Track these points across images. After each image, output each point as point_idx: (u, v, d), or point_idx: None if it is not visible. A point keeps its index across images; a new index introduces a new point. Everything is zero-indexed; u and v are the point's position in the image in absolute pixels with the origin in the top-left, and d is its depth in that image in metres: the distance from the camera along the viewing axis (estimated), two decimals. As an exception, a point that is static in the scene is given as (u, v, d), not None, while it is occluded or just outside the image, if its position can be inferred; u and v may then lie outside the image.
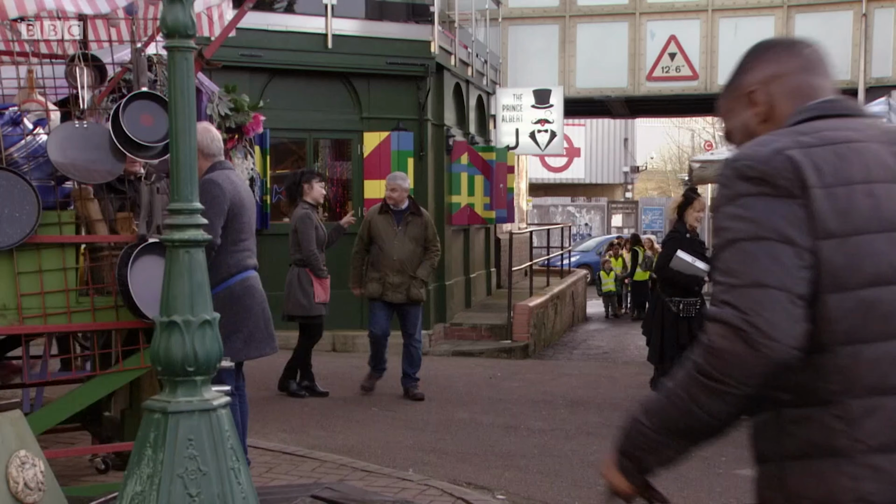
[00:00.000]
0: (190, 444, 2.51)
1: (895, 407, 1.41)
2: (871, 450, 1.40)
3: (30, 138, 3.85)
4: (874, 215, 1.44)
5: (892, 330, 1.42)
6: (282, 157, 11.04)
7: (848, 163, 1.46)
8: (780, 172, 1.43)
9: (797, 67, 1.60)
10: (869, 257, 1.42)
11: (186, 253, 2.64)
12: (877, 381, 1.41)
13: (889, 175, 1.48)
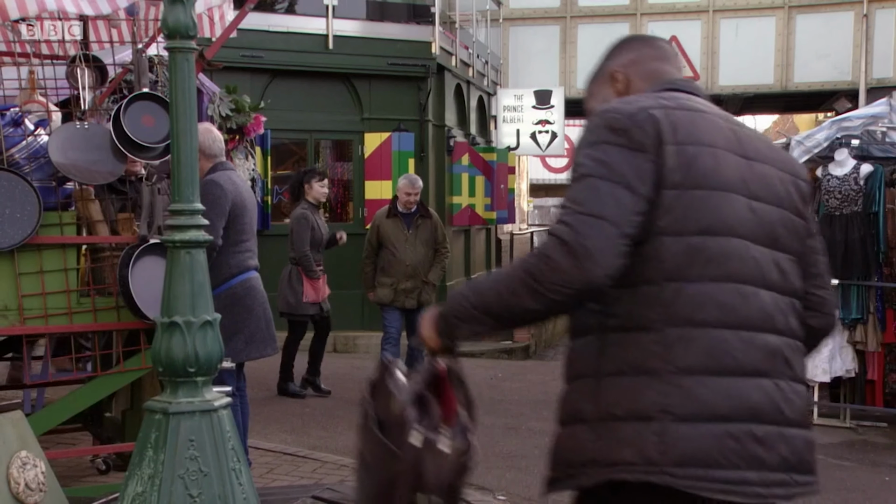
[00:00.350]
0: (191, 445, 2.51)
1: (702, 337, 1.62)
2: (679, 371, 1.60)
3: (31, 139, 3.86)
4: (714, 175, 1.66)
5: (711, 274, 1.63)
6: (283, 158, 11.05)
7: (698, 127, 1.69)
8: (641, 127, 1.64)
9: (652, 56, 1.88)
10: (703, 210, 1.64)
11: (187, 254, 2.64)
12: (692, 314, 1.62)
13: (729, 145, 1.71)
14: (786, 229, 1.74)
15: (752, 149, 1.75)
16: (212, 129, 4.46)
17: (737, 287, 1.65)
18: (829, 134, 6.69)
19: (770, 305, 1.68)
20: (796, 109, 18.57)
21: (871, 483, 5.29)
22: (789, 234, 1.74)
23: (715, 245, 1.64)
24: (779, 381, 1.67)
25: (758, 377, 1.64)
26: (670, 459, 1.57)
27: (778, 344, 1.68)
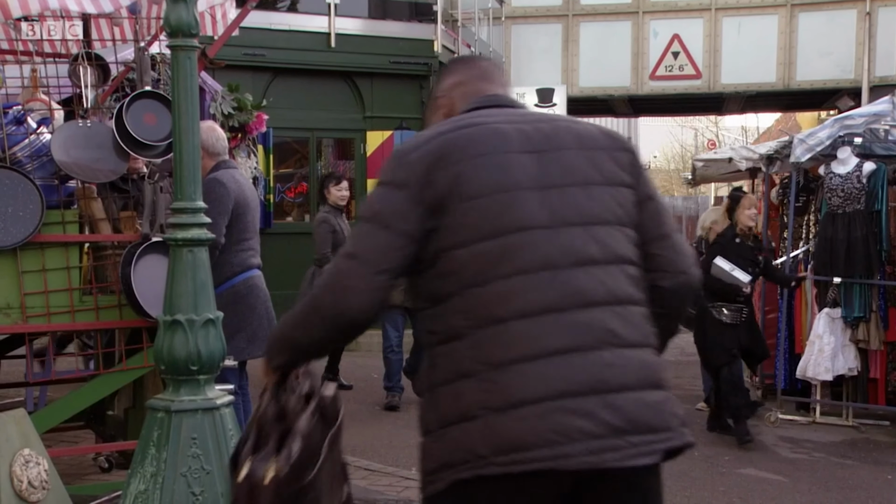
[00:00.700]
0: (193, 443, 2.52)
1: (506, 332, 1.72)
2: (491, 368, 1.71)
3: (33, 137, 3.86)
4: (488, 183, 1.77)
5: (505, 271, 1.74)
6: (285, 157, 11.05)
7: (477, 142, 1.81)
8: (407, 165, 1.80)
9: (473, 77, 2.00)
10: (485, 217, 1.76)
11: (190, 252, 2.65)
12: (493, 313, 1.73)
13: (515, 147, 1.81)
14: (601, 203, 1.82)
15: (550, 141, 1.84)
16: (215, 128, 4.47)
17: (534, 276, 1.74)
18: (832, 132, 6.68)
19: (583, 281, 1.75)
20: (799, 107, 18.51)
21: (874, 481, 5.28)
22: (607, 206, 1.82)
23: (502, 245, 1.75)
24: (598, 352, 1.72)
25: (569, 354, 1.71)
26: (494, 450, 1.68)
27: (595, 317, 1.74)
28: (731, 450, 5.89)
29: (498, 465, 1.67)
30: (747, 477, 5.32)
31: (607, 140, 1.91)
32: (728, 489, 5.03)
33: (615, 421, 1.70)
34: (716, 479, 5.21)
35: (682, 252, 1.94)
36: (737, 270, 5.98)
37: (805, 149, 6.69)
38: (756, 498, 4.90)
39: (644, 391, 1.75)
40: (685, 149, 33.96)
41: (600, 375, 1.72)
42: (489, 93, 1.96)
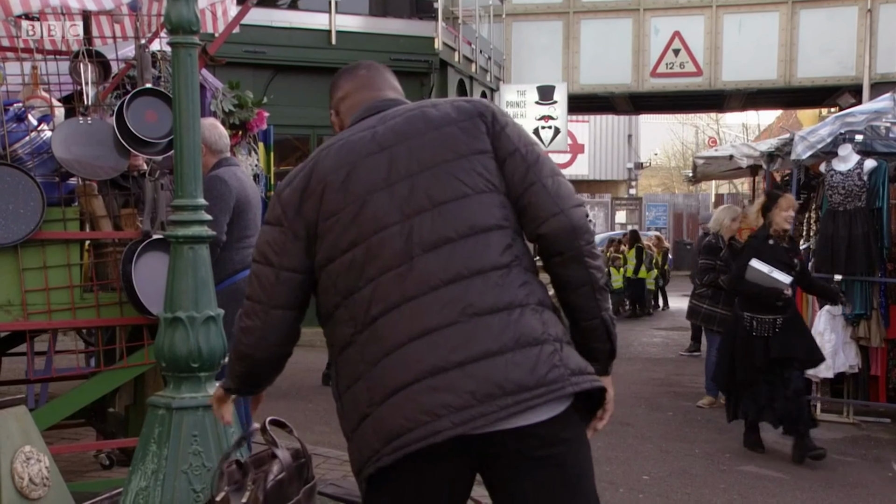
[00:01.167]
0: (194, 440, 2.52)
1: (377, 329, 1.81)
2: (370, 365, 1.81)
3: (34, 134, 3.86)
4: (340, 196, 1.86)
5: (370, 274, 1.82)
6: (286, 154, 11.05)
7: (329, 161, 1.90)
8: (279, 201, 1.92)
9: (353, 88, 2.08)
10: (344, 228, 1.85)
11: (190, 249, 2.65)
12: (366, 315, 1.83)
13: (370, 149, 1.88)
14: (452, 179, 1.85)
15: (399, 135, 1.89)
16: (218, 125, 4.46)
17: (394, 271, 1.82)
18: (833, 129, 6.67)
19: (435, 264, 1.80)
20: (800, 105, 18.51)
21: (875, 479, 5.28)
22: (463, 180, 1.85)
23: (366, 249, 1.84)
24: (457, 325, 1.77)
25: (429, 335, 1.78)
26: (383, 442, 1.77)
27: (451, 294, 1.79)
28: (731, 447, 5.89)
29: (387, 454, 1.76)
30: (748, 474, 5.32)
31: (458, 113, 1.92)
32: (729, 487, 5.03)
33: (478, 388, 1.74)
34: (716, 477, 5.21)
35: (554, 194, 1.88)
36: (776, 271, 5.47)
37: (806, 146, 6.69)
38: (757, 495, 4.90)
39: (512, 352, 1.77)
40: (686, 146, 33.94)
41: (460, 347, 1.76)
42: (367, 102, 2.02)
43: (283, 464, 2.12)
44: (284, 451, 2.15)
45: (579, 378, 1.80)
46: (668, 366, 9.63)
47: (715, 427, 6.49)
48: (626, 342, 12.14)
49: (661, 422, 6.70)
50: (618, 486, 4.93)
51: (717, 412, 6.99)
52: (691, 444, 5.98)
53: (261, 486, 2.06)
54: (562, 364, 1.79)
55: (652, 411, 7.07)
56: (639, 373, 9.04)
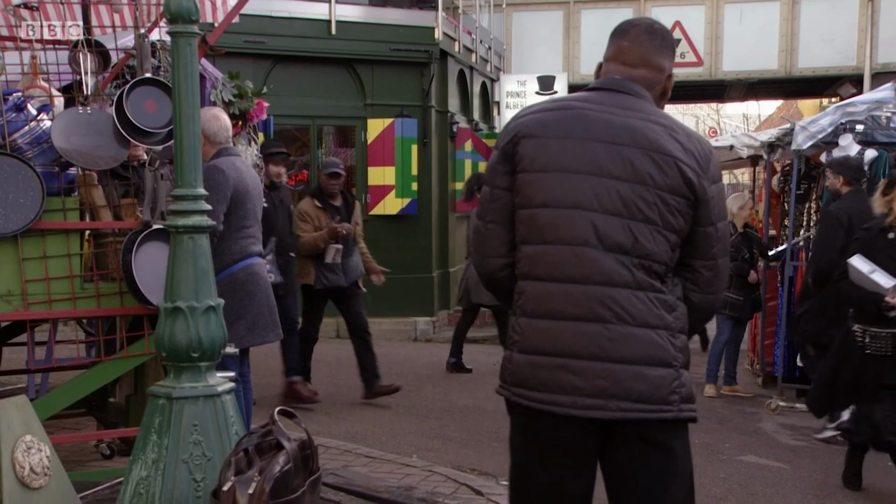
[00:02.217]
0: (195, 430, 2.51)
1: (534, 289, 2.09)
2: (521, 314, 2.12)
3: (34, 124, 3.85)
4: (554, 161, 2.06)
5: (545, 238, 2.07)
6: (286, 144, 10.94)
7: (556, 123, 2.10)
8: (504, 133, 2.17)
9: (611, 55, 2.20)
10: (541, 188, 2.07)
11: (190, 239, 2.64)
12: (530, 271, 2.10)
13: (588, 135, 2.07)
14: (645, 201, 2.02)
15: (622, 135, 2.05)
16: (220, 116, 4.44)
17: (567, 248, 2.04)
18: (834, 119, 6.66)
19: (604, 262, 2.02)
20: (800, 95, 18.46)
21: (874, 468, 5.29)
22: (650, 205, 2.02)
23: (549, 215, 2.06)
24: (605, 324, 2.02)
25: (577, 321, 2.03)
26: (511, 381, 2.14)
27: (606, 294, 2.02)
28: (731, 437, 5.90)
29: (511, 393, 2.14)
30: (748, 464, 5.33)
31: (670, 149, 2.07)
32: (729, 476, 5.05)
33: (608, 386, 2.02)
34: (716, 467, 5.22)
35: (709, 273, 2.15)
36: (877, 272, 4.43)
37: (806, 136, 6.68)
38: (757, 485, 4.92)
39: (636, 366, 2.03)
40: (686, 136, 33.85)
41: (602, 345, 2.02)
42: (611, 75, 2.18)
43: (290, 455, 2.12)
44: (291, 442, 2.16)
45: (687, 406, 2.09)
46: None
47: (715, 417, 6.50)
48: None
49: (660, 412, 6.71)
50: (617, 475, 4.94)
51: (717, 402, 7.01)
52: (691, 434, 5.96)
53: (267, 476, 2.07)
54: (679, 391, 2.06)
55: (652, 401, 7.08)
56: (639, 363, 9.05)
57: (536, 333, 2.06)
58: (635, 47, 2.15)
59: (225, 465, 2.15)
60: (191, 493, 2.45)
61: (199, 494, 2.45)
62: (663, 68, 2.17)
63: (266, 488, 2.06)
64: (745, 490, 4.81)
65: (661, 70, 2.16)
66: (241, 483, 2.07)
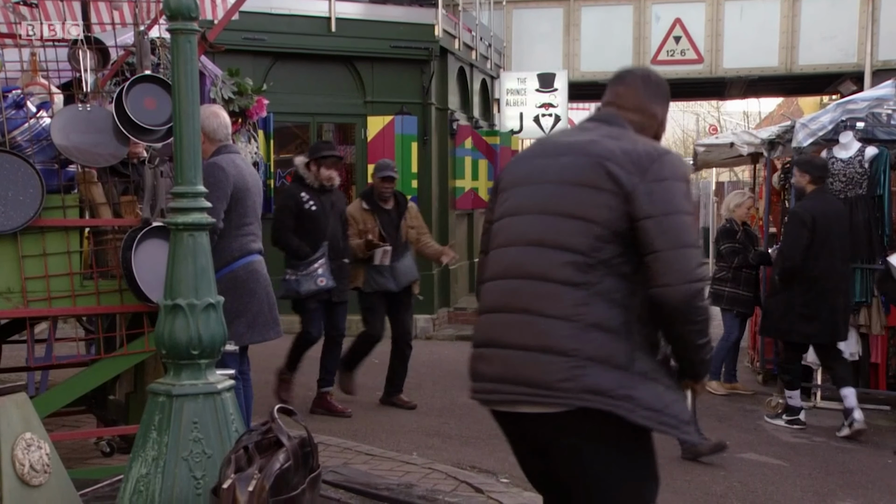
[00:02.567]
0: (195, 427, 2.51)
1: (481, 289, 2.31)
2: (480, 312, 2.30)
3: (33, 121, 3.84)
4: (511, 181, 2.32)
5: (494, 244, 2.30)
6: (285, 142, 11.02)
7: (526, 151, 2.43)
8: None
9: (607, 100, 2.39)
10: (499, 207, 2.32)
11: (190, 236, 2.63)
12: (482, 275, 2.35)
13: (537, 152, 2.34)
14: (566, 198, 2.16)
15: (565, 148, 2.24)
16: (219, 114, 4.43)
17: (502, 250, 2.25)
18: (834, 117, 6.65)
19: (520, 256, 2.19)
20: (801, 92, 18.45)
21: (874, 465, 5.30)
22: (580, 204, 2.14)
23: (500, 225, 2.29)
24: (513, 314, 2.15)
25: (495, 312, 2.21)
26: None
27: (521, 286, 2.16)
28: (731, 435, 5.90)
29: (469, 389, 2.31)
30: (748, 461, 5.33)
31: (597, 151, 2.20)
32: (728, 474, 5.05)
33: (502, 371, 2.15)
34: (716, 465, 5.22)
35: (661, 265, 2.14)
36: None
37: (807, 133, 6.67)
38: (756, 482, 4.92)
39: (531, 352, 2.11)
40: (686, 134, 33.84)
41: (507, 332, 2.16)
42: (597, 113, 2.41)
43: (290, 452, 2.12)
44: (291, 440, 2.16)
45: (591, 397, 2.05)
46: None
47: (715, 415, 6.50)
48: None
49: (660, 409, 6.70)
50: (618, 473, 4.93)
51: (718, 400, 7.00)
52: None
53: (267, 474, 2.07)
54: (576, 379, 2.06)
55: (652, 399, 7.07)
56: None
57: (476, 327, 2.31)
58: (631, 93, 2.31)
59: (225, 463, 2.15)
60: (191, 490, 2.45)
61: (199, 492, 2.45)
62: (656, 115, 2.33)
63: (266, 486, 2.06)
64: (745, 488, 4.82)
65: (653, 117, 2.32)
66: (241, 480, 2.08)
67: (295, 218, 6.03)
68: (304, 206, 6.03)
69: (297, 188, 6.16)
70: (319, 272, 5.94)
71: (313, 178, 6.06)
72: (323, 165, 6.08)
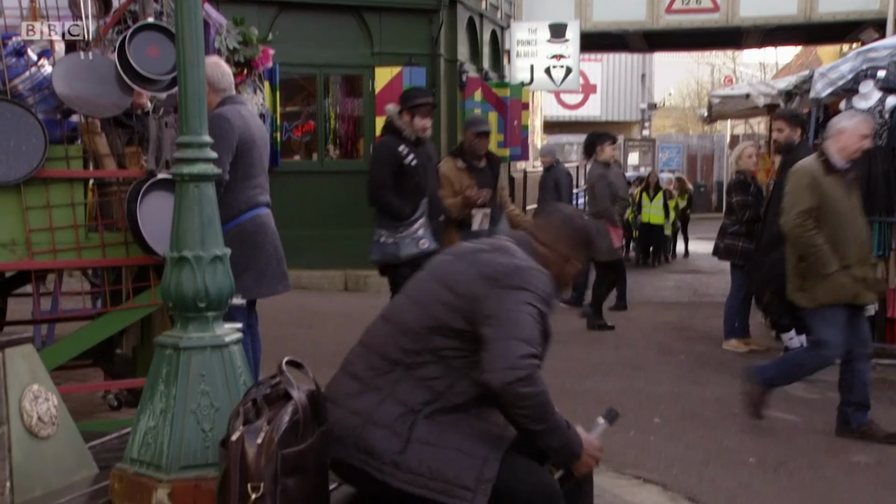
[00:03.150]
0: (202, 380, 2.48)
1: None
2: None
3: (34, 70, 3.76)
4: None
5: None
6: (292, 94, 10.89)
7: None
8: None
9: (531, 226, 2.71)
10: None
11: (196, 187, 2.57)
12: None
13: None
14: (427, 295, 2.48)
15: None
16: (221, 63, 4.36)
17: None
18: (854, 66, 6.49)
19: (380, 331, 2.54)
20: (820, 41, 18.09)
21: (889, 421, 5.25)
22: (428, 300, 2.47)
23: None
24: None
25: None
26: None
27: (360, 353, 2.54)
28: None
29: None
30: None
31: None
32: (741, 430, 5.02)
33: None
34: (728, 420, 5.20)
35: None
36: None
37: (826, 83, 6.51)
38: (769, 438, 4.89)
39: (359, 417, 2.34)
40: (701, 86, 33.40)
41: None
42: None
43: (299, 405, 2.09)
44: (300, 393, 2.12)
45: (363, 456, 2.29)
46: (681, 309, 9.57)
47: (728, 371, 6.46)
48: (637, 285, 12.08)
49: (673, 365, 6.67)
50: (628, 428, 4.91)
51: (731, 355, 6.97)
52: (703, 388, 5.95)
53: (276, 426, 2.04)
54: (361, 440, 2.30)
55: (664, 355, 7.04)
56: (651, 317, 9.01)
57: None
58: (548, 228, 2.56)
59: (233, 415, 2.12)
60: (199, 443, 2.43)
61: (207, 444, 2.43)
62: (566, 257, 2.54)
63: (275, 438, 2.04)
64: (758, 443, 4.79)
65: (561, 256, 2.53)
66: (250, 433, 2.05)
67: (393, 174, 5.43)
68: (403, 160, 5.41)
69: (395, 141, 5.47)
70: (420, 233, 5.41)
71: (409, 129, 5.43)
72: (417, 114, 5.46)
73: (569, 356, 6.86)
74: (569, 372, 6.31)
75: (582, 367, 6.45)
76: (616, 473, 4.21)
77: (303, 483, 2.09)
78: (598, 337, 7.71)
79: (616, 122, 29.80)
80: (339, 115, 11.05)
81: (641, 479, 4.16)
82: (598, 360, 6.72)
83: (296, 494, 2.07)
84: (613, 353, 7.00)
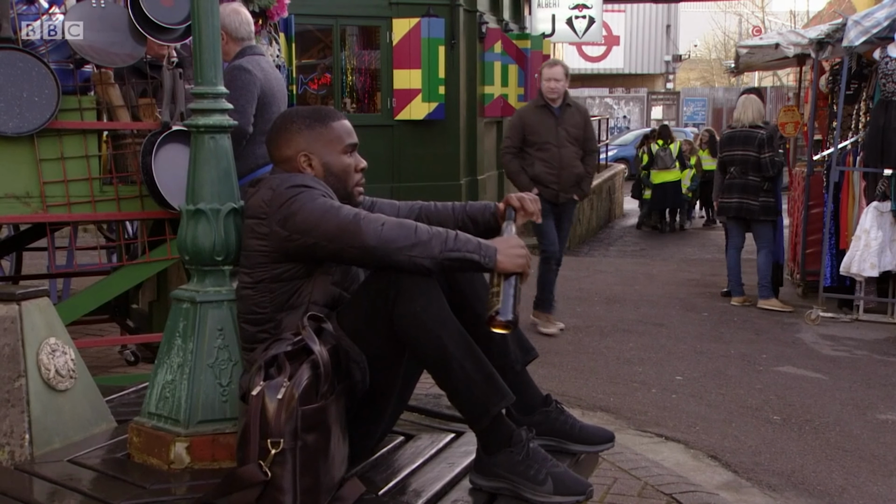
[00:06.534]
0: (220, 335, 2.44)
1: None
2: None
3: (46, 18, 3.67)
4: None
5: None
6: (307, 45, 10.72)
7: None
8: None
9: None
10: None
11: (212, 139, 2.50)
12: None
13: None
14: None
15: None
16: (240, 10, 4.24)
17: None
18: (890, 12, 6.24)
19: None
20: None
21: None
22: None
23: None
24: None
25: None
26: None
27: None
28: (768, 348, 5.78)
29: None
30: (785, 375, 5.22)
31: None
32: (765, 387, 4.94)
33: None
34: (752, 378, 5.12)
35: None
36: None
37: (859, 31, 6.28)
38: (794, 395, 4.81)
39: None
40: (728, 37, 32.66)
41: None
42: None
43: (320, 361, 2.04)
44: (321, 347, 2.07)
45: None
46: (704, 266, 9.45)
47: (752, 328, 6.37)
48: (660, 243, 11.95)
49: (695, 322, 6.59)
50: (650, 386, 4.85)
51: (755, 312, 6.87)
52: (727, 345, 5.87)
53: (296, 382, 2.00)
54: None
55: (686, 312, 6.96)
56: (673, 273, 8.90)
57: None
58: (272, 148, 2.45)
59: (255, 371, 2.07)
60: (217, 397, 2.40)
61: (224, 399, 2.40)
62: (294, 153, 2.37)
63: (296, 394, 2.00)
64: (782, 401, 4.72)
65: (291, 157, 2.38)
66: (271, 388, 2.01)
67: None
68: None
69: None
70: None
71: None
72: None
73: (587, 314, 6.79)
74: (588, 329, 6.24)
75: (603, 325, 6.39)
76: (638, 431, 4.16)
77: (322, 439, 2.05)
78: (619, 294, 7.62)
79: (640, 75, 29.29)
80: (355, 67, 10.89)
81: (664, 438, 4.11)
82: (619, 318, 6.65)
83: (315, 450, 2.04)
84: (634, 310, 6.92)
